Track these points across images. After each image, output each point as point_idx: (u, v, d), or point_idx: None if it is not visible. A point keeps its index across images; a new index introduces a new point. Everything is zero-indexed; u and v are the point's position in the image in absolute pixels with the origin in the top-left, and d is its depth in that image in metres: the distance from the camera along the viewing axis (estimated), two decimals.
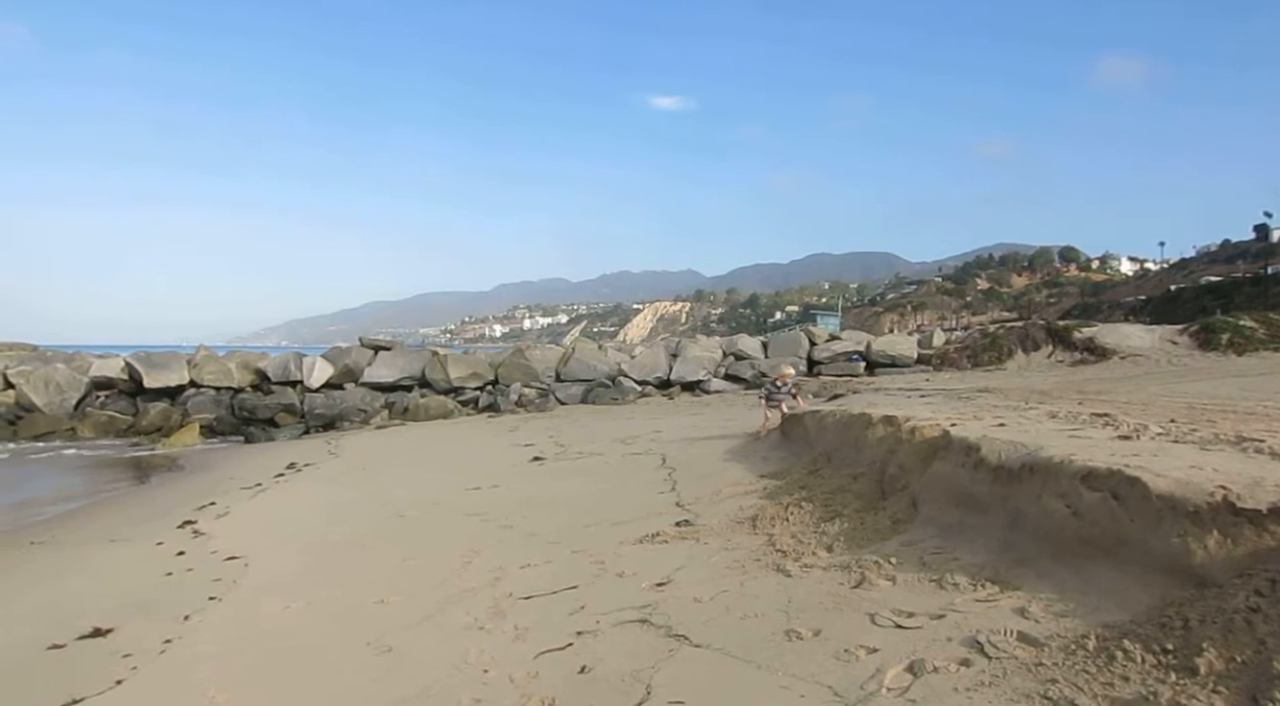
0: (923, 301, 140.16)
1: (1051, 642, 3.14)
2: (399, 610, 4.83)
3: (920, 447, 5.73)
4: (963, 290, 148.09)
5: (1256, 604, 2.83)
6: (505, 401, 20.86)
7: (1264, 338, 23.66)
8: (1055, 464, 4.19)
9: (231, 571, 6.13)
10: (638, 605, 4.41)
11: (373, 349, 23.05)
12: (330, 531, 7.32)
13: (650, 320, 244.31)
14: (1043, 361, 23.50)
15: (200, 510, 8.85)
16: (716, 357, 24.62)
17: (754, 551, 5.21)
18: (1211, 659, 2.70)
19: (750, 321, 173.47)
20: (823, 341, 25.64)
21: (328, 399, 20.66)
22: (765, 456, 8.73)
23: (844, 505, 5.80)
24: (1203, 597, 3.03)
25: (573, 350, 24.71)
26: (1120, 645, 2.95)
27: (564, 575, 5.21)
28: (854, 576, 4.35)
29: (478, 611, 4.66)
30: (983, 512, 4.60)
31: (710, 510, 6.64)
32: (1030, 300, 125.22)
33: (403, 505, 8.18)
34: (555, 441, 12.98)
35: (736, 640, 3.73)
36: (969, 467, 4.91)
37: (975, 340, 26.57)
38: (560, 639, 4.04)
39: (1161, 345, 23.73)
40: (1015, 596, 3.67)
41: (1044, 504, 4.09)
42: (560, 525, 6.73)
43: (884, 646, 3.39)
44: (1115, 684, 2.77)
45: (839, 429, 7.58)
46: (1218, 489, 3.30)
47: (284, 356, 22.39)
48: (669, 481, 8.23)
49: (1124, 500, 3.62)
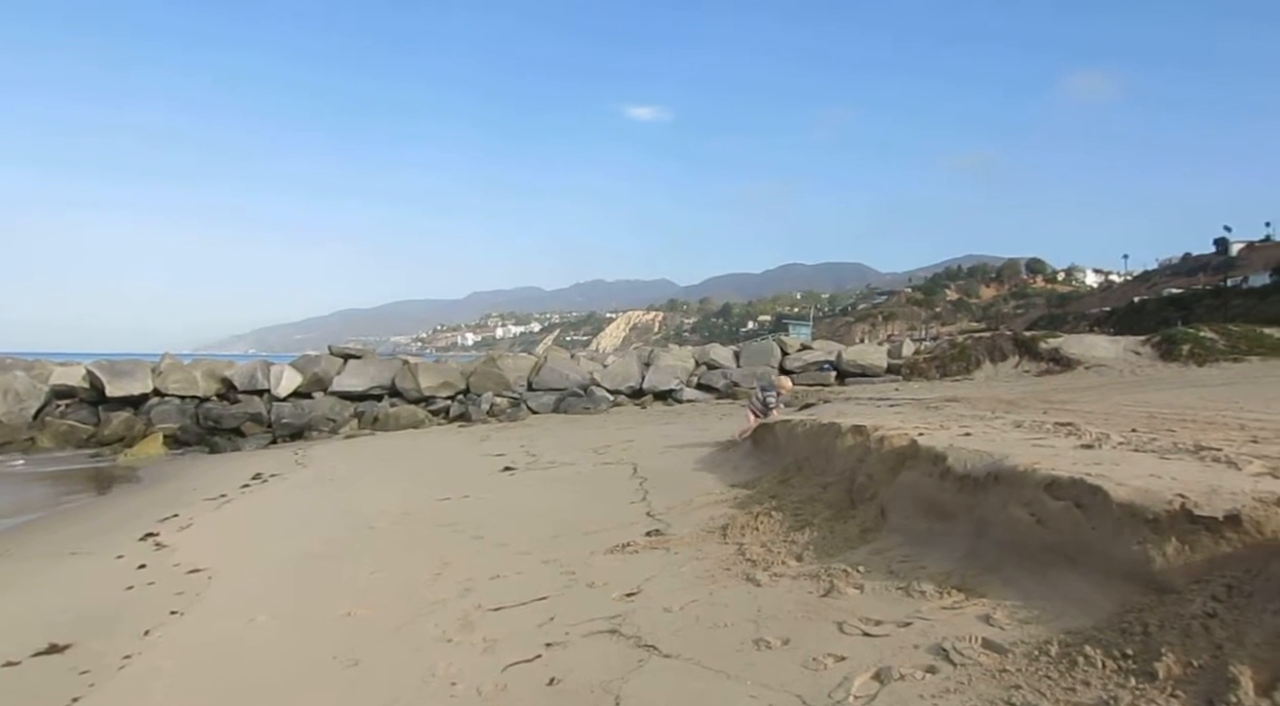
0: (893, 311, 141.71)
1: (1016, 649, 3.18)
2: (366, 623, 4.78)
3: (888, 457, 5.78)
4: (932, 301, 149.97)
5: (1213, 609, 2.89)
6: (477, 411, 20.73)
7: (1223, 348, 24.19)
8: (1020, 473, 4.26)
9: (194, 585, 6.02)
10: (607, 615, 4.40)
11: (342, 357, 22.80)
12: (297, 543, 7.22)
13: (623, 329, 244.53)
14: (1010, 371, 23.81)
15: (163, 522, 8.69)
16: (689, 367, 24.66)
17: (724, 560, 5.22)
18: (1170, 663, 2.75)
19: (723, 331, 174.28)
20: (794, 351, 25.78)
21: (296, 408, 20.39)
22: (736, 466, 8.75)
23: (814, 514, 5.83)
24: (1162, 603, 3.09)
25: (545, 359, 24.64)
26: (1082, 651, 3.00)
27: (534, 586, 5.19)
28: (823, 585, 4.37)
29: (446, 623, 4.62)
30: (949, 521, 4.66)
31: (681, 520, 6.64)
32: (998, 311, 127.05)
33: (371, 516, 8.09)
34: (527, 451, 12.92)
35: (706, 650, 3.73)
36: (936, 476, 4.96)
37: (944, 350, 26.88)
38: (529, 650, 4.02)
39: (1125, 355, 24.15)
40: (981, 603, 3.71)
41: (1009, 512, 4.15)
42: (531, 535, 6.69)
43: (852, 654, 3.41)
44: (1077, 689, 2.81)
45: (809, 438, 7.63)
46: (1176, 497, 3.37)
47: (251, 365, 22.05)
48: (640, 491, 8.23)
49: (1086, 508, 3.68)
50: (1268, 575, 2.88)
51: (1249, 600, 2.85)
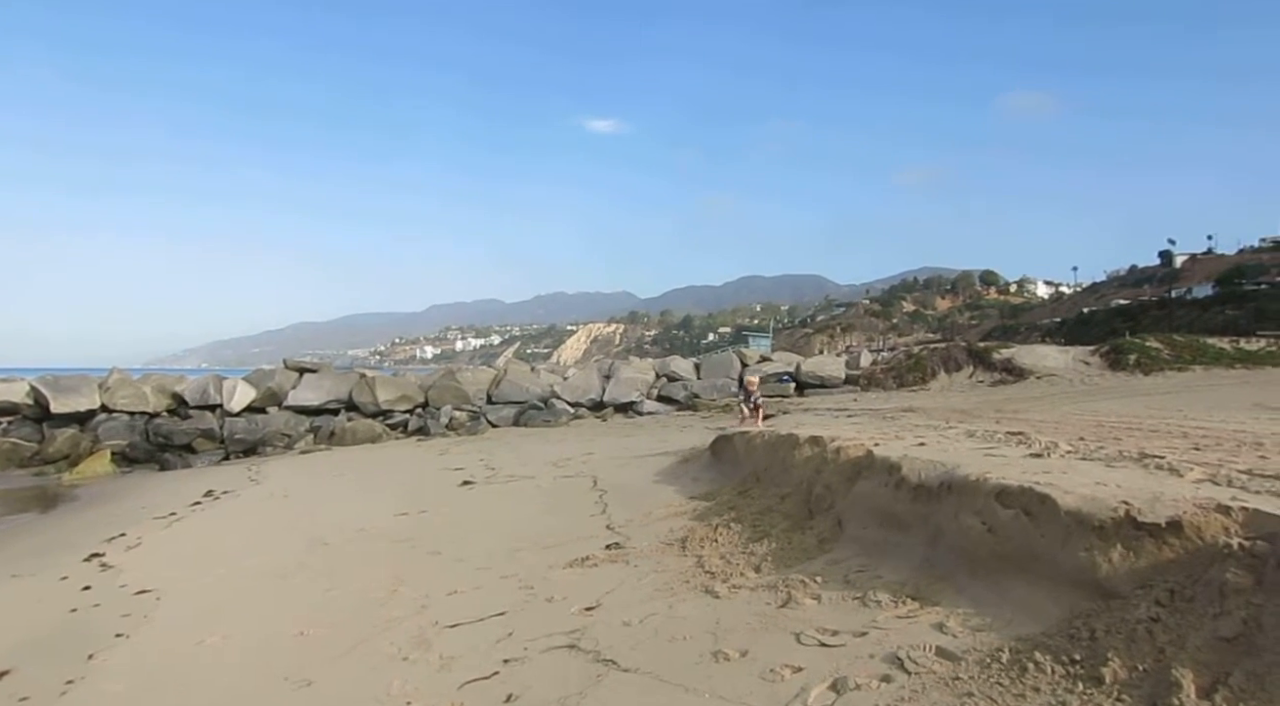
0: (852, 323, 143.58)
1: (968, 656, 3.23)
2: (320, 642, 4.68)
3: (845, 467, 5.84)
4: (889, 312, 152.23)
5: (1157, 614, 2.97)
6: (435, 424, 20.52)
7: (1168, 358, 24.91)
8: (971, 482, 4.33)
9: (142, 606, 5.85)
10: (566, 630, 4.37)
11: (298, 371, 22.43)
12: (249, 561, 7.06)
13: (584, 342, 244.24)
14: (964, 381, 24.24)
15: (109, 542, 8.44)
16: (649, 379, 24.71)
17: (683, 573, 5.22)
18: (1116, 668, 2.81)
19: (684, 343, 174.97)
20: (754, 362, 25.98)
21: (249, 423, 19.98)
22: (696, 477, 8.77)
23: (772, 525, 5.86)
24: (1108, 609, 3.16)
25: (505, 372, 24.50)
26: (1032, 657, 3.05)
27: (492, 601, 5.13)
28: (781, 596, 4.40)
29: (402, 641, 4.54)
30: (904, 530, 4.72)
31: (641, 532, 6.63)
32: (953, 322, 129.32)
33: (326, 532, 7.94)
34: (486, 465, 12.81)
35: (664, 663, 3.72)
36: (891, 486, 5.03)
37: (900, 361, 27.30)
38: (487, 667, 3.97)
39: (1075, 365, 24.74)
40: (935, 612, 3.76)
41: (961, 521, 4.22)
42: (489, 550, 6.62)
43: (809, 665, 3.43)
44: (1027, 695, 2.86)
45: (767, 450, 7.68)
46: (1121, 504, 3.46)
47: (203, 379, 21.57)
48: (600, 504, 8.20)
49: (1035, 516, 3.76)
50: (1207, 580, 2.96)
51: (1190, 604, 2.93)
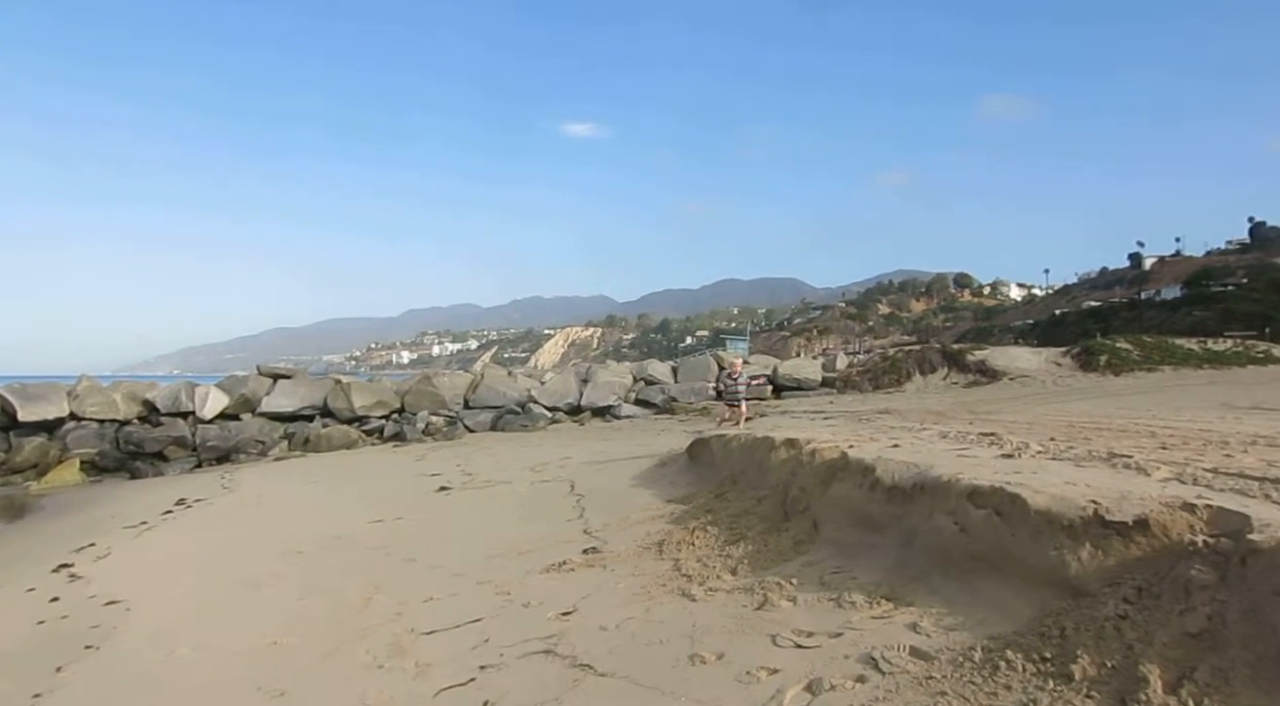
0: (828, 326, 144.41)
1: (941, 656, 3.26)
2: (294, 651, 4.64)
3: (820, 470, 5.88)
4: (865, 315, 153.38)
5: (1125, 611, 3.01)
6: (412, 430, 20.39)
7: (1138, 359, 25.32)
8: (944, 483, 4.38)
9: (112, 617, 5.76)
10: (543, 636, 4.36)
11: (272, 377, 22.19)
12: (222, 571, 6.98)
13: (562, 346, 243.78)
14: (939, 383, 24.48)
15: (78, 552, 8.30)
16: (627, 383, 24.71)
17: (660, 577, 5.22)
18: (1085, 665, 2.85)
19: (662, 346, 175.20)
20: (721, 375, 26.08)
21: (222, 430, 19.74)
22: (673, 481, 8.79)
23: (748, 528, 5.89)
24: (1078, 607, 3.20)
25: (482, 377, 24.41)
26: (1004, 655, 3.08)
27: (468, 608, 5.11)
28: (757, 598, 4.41)
29: (378, 649, 4.51)
30: (879, 531, 4.75)
31: (618, 536, 6.63)
32: (928, 324, 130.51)
33: (301, 540, 7.86)
34: (463, 470, 12.75)
35: (641, 667, 3.73)
36: (865, 488, 5.07)
37: (876, 363, 27.53)
38: (463, 674, 3.95)
39: (1047, 366, 25.08)
40: (909, 612, 3.79)
41: (934, 521, 4.26)
42: (466, 556, 6.59)
43: (784, 667, 3.45)
44: (999, 693, 2.89)
45: (744, 452, 7.71)
46: (1089, 503, 3.51)
47: (175, 386, 21.27)
48: (577, 509, 8.19)
49: (1006, 516, 3.80)
50: (1174, 577, 3.01)
51: (1157, 601, 2.98)
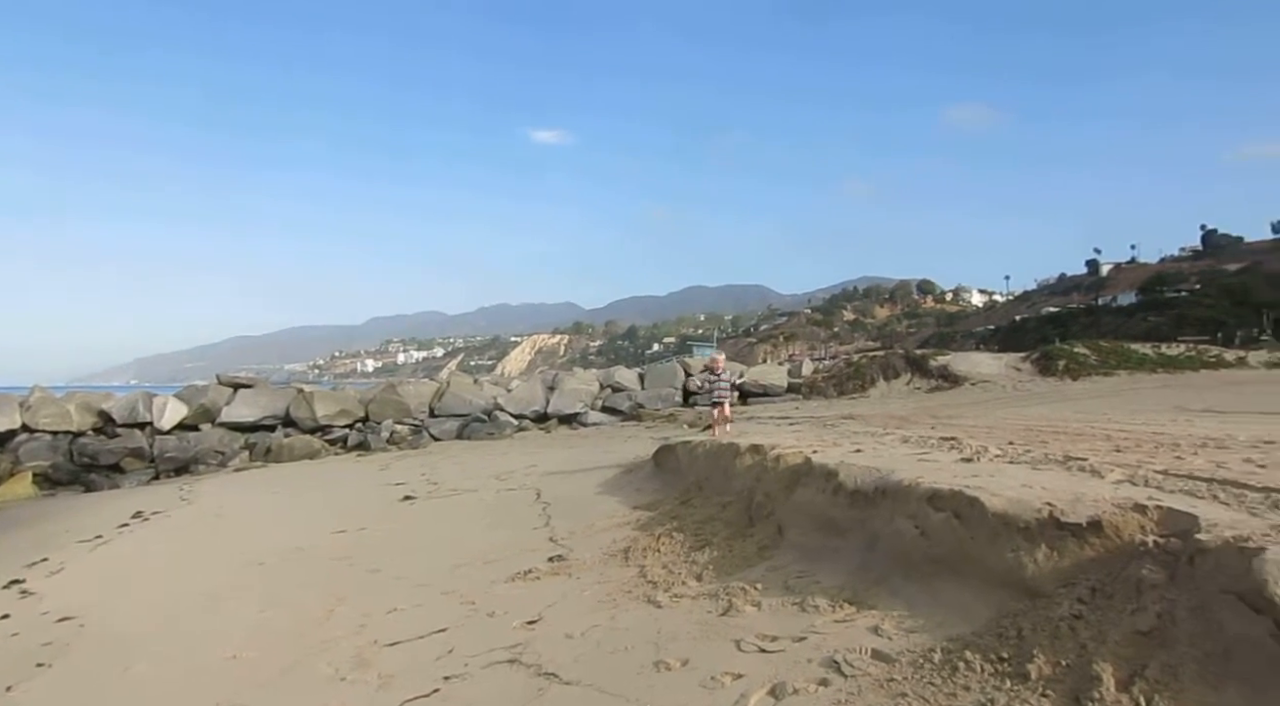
0: (794, 332, 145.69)
1: (902, 658, 3.30)
2: (253, 665, 4.56)
3: (784, 475, 5.92)
4: (831, 321, 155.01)
5: (1079, 611, 3.07)
6: (376, 439, 20.18)
7: (1095, 363, 25.86)
8: (905, 487, 4.44)
9: (65, 634, 5.62)
10: (508, 645, 4.33)
11: (232, 387, 21.84)
12: (179, 584, 6.85)
13: (528, 353, 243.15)
14: (902, 388, 24.78)
15: (30, 567, 8.09)
16: (594, 390, 24.69)
17: (625, 583, 5.22)
18: (1041, 664, 2.90)
19: (629, 353, 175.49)
20: (698, 372, 26.14)
21: (181, 441, 19.37)
22: (639, 488, 8.79)
23: (714, 534, 5.91)
24: (1034, 607, 3.26)
25: (447, 385, 24.22)
26: (962, 656, 3.13)
27: (433, 618, 5.06)
28: (722, 604, 4.43)
29: (340, 661, 4.45)
30: (842, 535, 4.80)
31: (584, 544, 6.62)
32: (892, 330, 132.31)
33: (261, 552, 7.74)
34: (428, 479, 12.64)
35: (606, 675, 3.72)
36: (829, 493, 5.12)
37: (841, 369, 27.80)
38: (427, 685, 3.92)
39: (1007, 371, 25.51)
40: (871, 615, 3.84)
41: (896, 525, 4.31)
42: (430, 566, 6.54)
43: (749, 671, 3.47)
44: (958, 694, 2.93)
45: (709, 458, 7.74)
46: (1045, 505, 3.58)
47: (131, 396, 20.85)
48: (543, 516, 8.16)
49: (965, 519, 3.87)
50: (1126, 576, 3.08)
51: (1110, 601, 3.05)
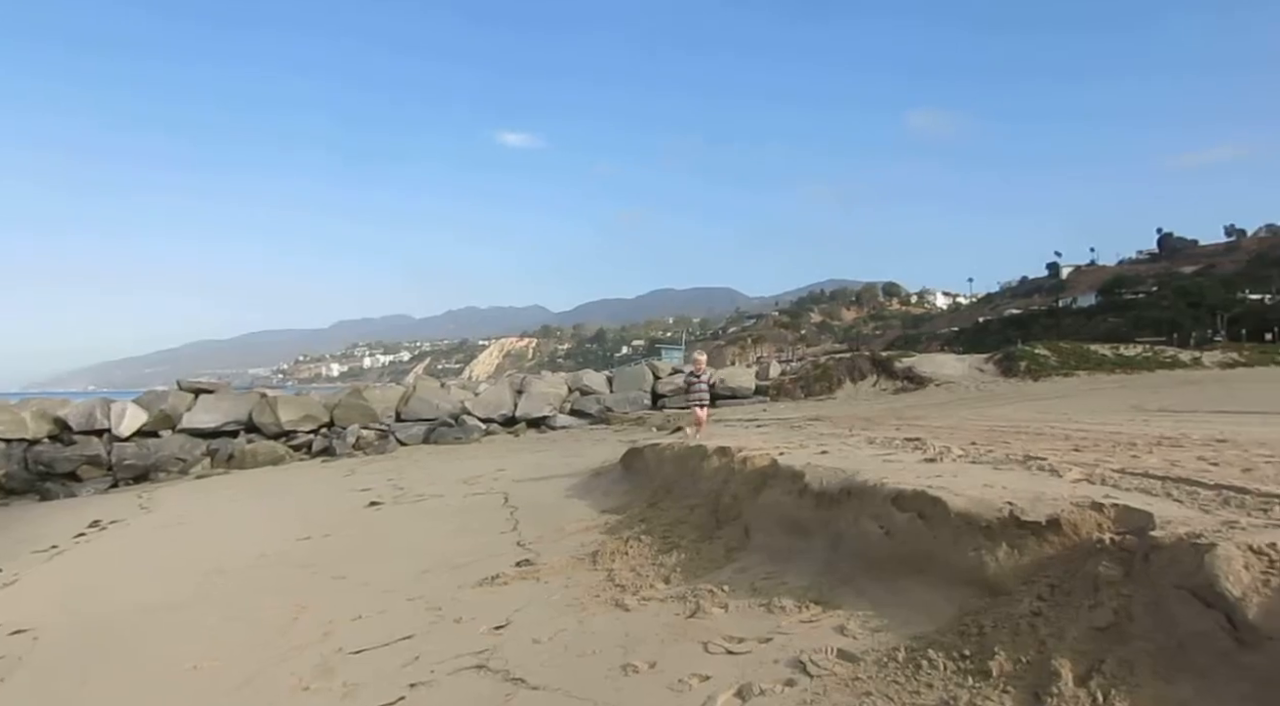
0: (762, 334, 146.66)
1: (867, 657, 3.33)
2: (214, 676, 4.48)
3: (751, 477, 5.96)
4: (798, 323, 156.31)
5: (1039, 608, 3.13)
6: (342, 444, 19.92)
7: (1055, 364, 26.34)
8: (870, 487, 4.49)
9: (18, 647, 5.47)
10: (475, 651, 4.30)
11: (193, 392, 21.42)
12: (139, 594, 6.70)
13: (497, 356, 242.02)
14: (868, 390, 25.02)
15: None
16: (562, 393, 24.63)
17: (594, 587, 5.21)
18: (1002, 661, 2.94)
19: (598, 356, 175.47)
20: (666, 375, 26.19)
21: (140, 448, 18.95)
22: (607, 491, 8.79)
23: (681, 536, 5.92)
24: (995, 605, 3.31)
25: (414, 389, 24.01)
26: (926, 654, 3.17)
27: (399, 625, 5.01)
28: (689, 606, 4.44)
29: (303, 670, 4.39)
30: (808, 537, 4.84)
31: (552, 548, 6.60)
32: (859, 332, 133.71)
33: (224, 560, 7.61)
34: (394, 485, 12.51)
35: (574, 679, 3.71)
36: (795, 494, 5.16)
37: (808, 371, 28.00)
38: (392, 692, 3.88)
39: (971, 373, 25.87)
40: (836, 615, 3.87)
41: (861, 525, 4.36)
42: (396, 572, 6.47)
43: (716, 673, 3.48)
44: (921, 691, 2.97)
45: (677, 461, 7.76)
46: (1006, 505, 3.64)
47: (89, 403, 20.36)
48: (511, 521, 8.12)
49: (928, 519, 3.92)
50: (1084, 573, 3.14)
51: (1068, 597, 3.10)
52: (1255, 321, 68.74)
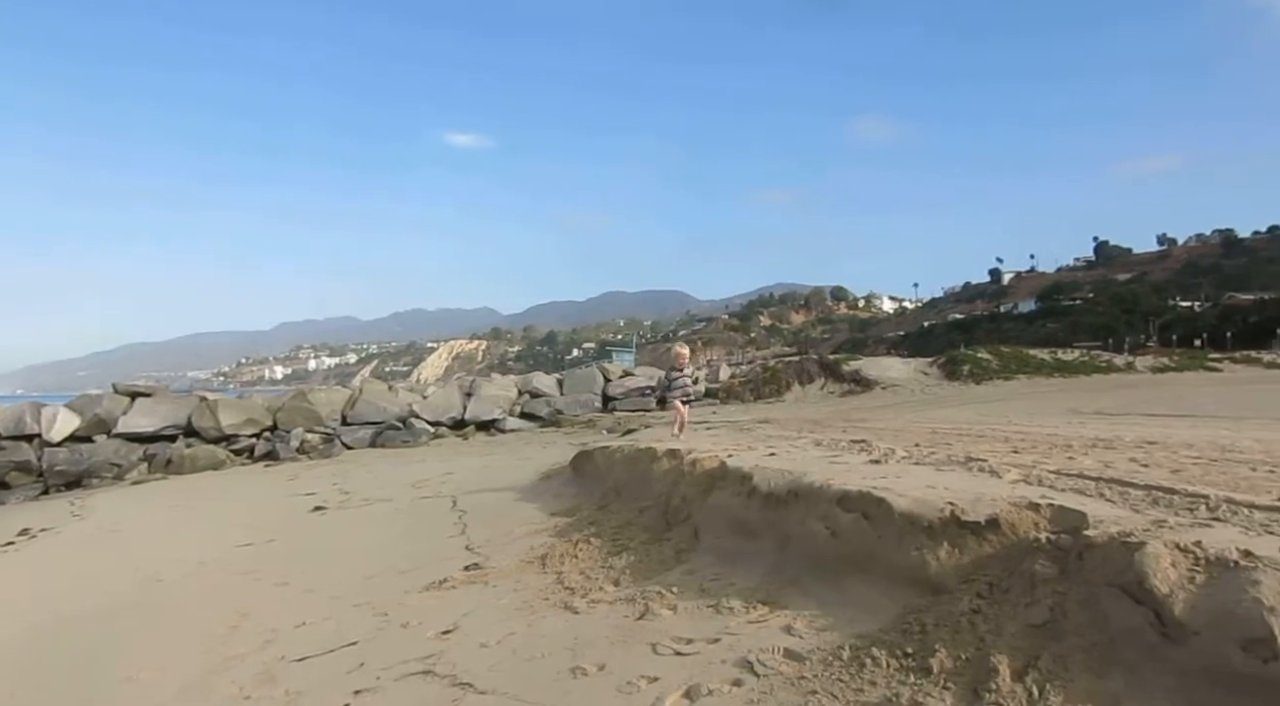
0: (712, 337, 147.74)
1: (813, 656, 3.38)
2: (149, 687, 4.34)
3: (701, 479, 6.00)
4: (748, 327, 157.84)
5: (978, 606, 3.21)
6: (285, 448, 19.49)
7: (996, 368, 27.00)
8: (816, 489, 4.55)
9: None
10: (421, 656, 4.25)
11: (129, 396, 20.76)
12: (70, 604, 6.47)
13: (446, 359, 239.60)
14: (816, 393, 25.34)
15: None
16: (512, 396, 24.46)
17: (543, 590, 5.19)
18: (943, 658, 3.01)
19: (548, 359, 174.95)
20: (617, 377, 26.20)
21: (72, 454, 18.31)
22: (557, 494, 8.76)
23: (631, 538, 5.93)
24: (937, 603, 3.39)
25: (360, 391, 23.62)
26: (870, 652, 3.23)
27: (344, 631, 4.92)
28: (638, 608, 4.45)
29: (244, 679, 4.29)
30: (756, 538, 4.89)
31: (501, 552, 6.55)
32: (807, 336, 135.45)
33: (161, 568, 7.39)
34: (340, 489, 12.30)
35: (522, 682, 3.69)
36: (743, 496, 5.20)
37: (757, 374, 28.29)
38: (336, 700, 3.81)
39: (915, 376, 26.38)
40: (783, 615, 3.92)
41: (807, 526, 4.42)
42: (342, 578, 6.36)
43: (664, 674, 3.49)
44: (865, 689, 3.02)
45: (627, 463, 7.77)
46: (947, 505, 3.72)
47: (18, 407, 19.60)
48: (460, 524, 8.04)
49: (873, 519, 3.99)
50: (1021, 572, 3.23)
51: (1006, 595, 3.19)
52: (1185, 327, 71.70)
